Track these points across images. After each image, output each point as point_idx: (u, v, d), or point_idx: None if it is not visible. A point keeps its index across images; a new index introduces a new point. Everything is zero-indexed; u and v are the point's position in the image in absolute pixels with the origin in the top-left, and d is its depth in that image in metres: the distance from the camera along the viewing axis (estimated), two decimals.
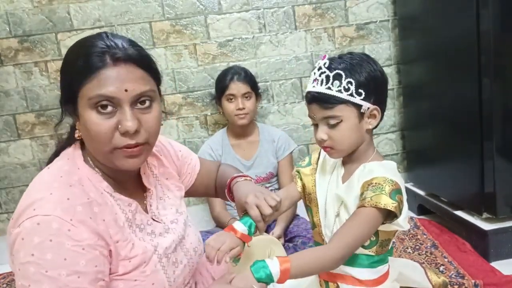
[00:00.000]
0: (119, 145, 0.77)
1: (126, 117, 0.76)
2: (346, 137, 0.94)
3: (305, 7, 2.11)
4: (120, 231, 0.80)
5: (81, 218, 0.73)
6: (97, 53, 0.75)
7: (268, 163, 1.88)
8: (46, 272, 0.68)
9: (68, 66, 0.80)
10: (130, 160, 0.80)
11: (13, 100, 2.03)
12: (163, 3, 2.03)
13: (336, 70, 0.91)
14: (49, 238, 0.70)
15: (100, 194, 0.81)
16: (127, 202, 0.86)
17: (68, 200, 0.74)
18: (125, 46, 0.78)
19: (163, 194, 0.99)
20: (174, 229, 0.94)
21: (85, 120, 0.77)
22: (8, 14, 1.97)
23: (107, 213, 0.80)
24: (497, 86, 1.47)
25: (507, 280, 1.38)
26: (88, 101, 0.75)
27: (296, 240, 1.66)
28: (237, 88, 1.82)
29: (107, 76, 0.75)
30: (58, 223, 0.71)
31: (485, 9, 1.44)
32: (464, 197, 1.71)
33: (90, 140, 0.79)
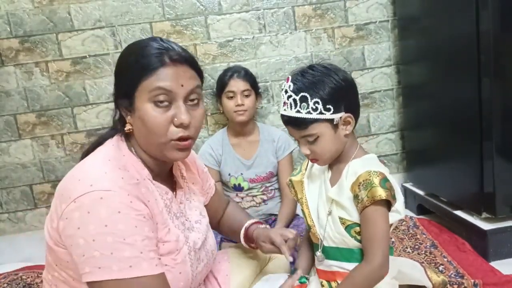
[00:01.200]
0: (174, 137, 0.86)
1: (181, 111, 0.86)
2: (326, 149, 1.00)
3: (305, 8, 2.11)
4: (160, 214, 0.87)
5: (136, 194, 0.81)
6: (158, 54, 0.86)
7: (268, 162, 1.89)
8: (124, 239, 0.75)
9: (127, 66, 0.89)
10: (180, 152, 0.89)
11: (13, 100, 2.04)
12: (163, 4, 2.04)
13: (301, 93, 0.95)
14: (117, 210, 0.76)
15: (143, 180, 0.88)
16: (165, 190, 0.94)
17: (122, 179, 0.82)
18: (179, 50, 0.89)
19: (190, 196, 1.06)
20: (199, 229, 1.01)
21: (143, 112, 0.85)
22: (9, 15, 1.97)
23: (150, 196, 0.87)
24: (497, 86, 1.48)
25: (506, 280, 1.38)
26: (148, 94, 0.84)
27: None
28: (237, 85, 1.83)
29: (166, 73, 0.85)
30: (120, 196, 0.78)
31: (485, 9, 1.44)
32: (463, 197, 1.71)
33: (146, 131, 0.87)
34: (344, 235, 0.98)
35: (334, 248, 1.02)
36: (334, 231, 1.00)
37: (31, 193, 2.10)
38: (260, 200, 1.90)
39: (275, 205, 1.91)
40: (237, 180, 1.88)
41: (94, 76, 2.05)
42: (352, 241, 0.98)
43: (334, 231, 1.00)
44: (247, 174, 1.88)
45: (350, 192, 0.96)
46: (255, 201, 1.89)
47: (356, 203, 0.94)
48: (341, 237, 0.99)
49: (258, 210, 1.89)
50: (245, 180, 1.88)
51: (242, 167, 1.88)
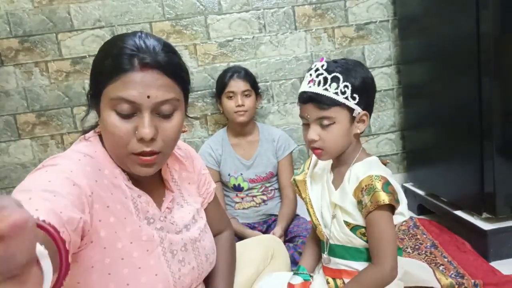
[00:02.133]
0: (134, 151, 0.77)
1: (144, 124, 0.75)
2: (336, 139, 0.98)
3: (305, 8, 2.11)
4: (126, 213, 0.80)
5: (87, 175, 0.73)
6: (126, 55, 0.75)
7: (268, 162, 1.89)
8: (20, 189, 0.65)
9: (98, 62, 0.80)
10: (144, 168, 0.80)
11: (13, 100, 2.04)
12: (163, 4, 2.04)
13: (334, 73, 0.94)
14: (45, 170, 0.70)
15: (114, 177, 0.81)
16: (137, 193, 0.84)
17: (79, 161, 0.75)
18: (156, 50, 0.77)
19: (182, 200, 0.97)
20: (184, 233, 0.92)
21: (104, 119, 0.77)
22: (9, 14, 1.97)
23: (117, 191, 0.79)
24: (497, 86, 1.48)
25: (506, 280, 1.38)
26: (109, 101, 0.75)
27: (296, 240, 1.67)
28: (237, 86, 1.82)
29: (132, 79, 0.74)
30: (67, 166, 0.72)
31: (485, 9, 1.44)
32: (463, 197, 1.71)
33: (107, 139, 0.80)
34: (350, 235, 0.99)
35: (340, 247, 1.02)
36: (339, 232, 1.00)
37: None
38: (260, 200, 1.89)
39: (275, 205, 1.91)
40: (237, 180, 1.88)
41: None
42: (358, 241, 0.98)
43: (339, 231, 1.00)
44: (247, 174, 1.87)
45: (353, 197, 0.96)
46: (255, 201, 1.89)
47: (360, 208, 0.94)
48: (346, 237, 0.99)
49: (258, 210, 1.88)
50: (245, 180, 1.87)
51: (242, 167, 1.88)
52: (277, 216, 1.84)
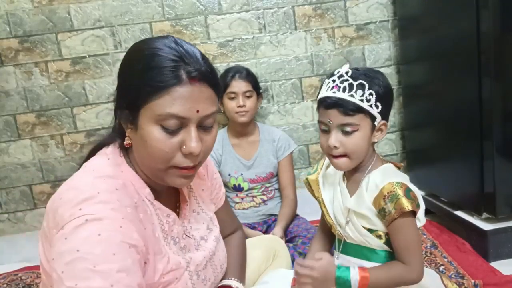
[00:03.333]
0: (179, 165, 0.75)
1: (192, 138, 0.73)
2: (358, 146, 0.97)
3: (305, 8, 2.11)
4: (157, 243, 0.77)
5: (131, 218, 0.70)
6: (171, 67, 0.71)
7: (268, 162, 1.89)
8: (95, 267, 0.62)
9: (133, 75, 0.74)
10: (183, 179, 0.78)
11: (13, 100, 2.04)
12: (163, 4, 2.04)
13: (360, 80, 0.93)
14: (98, 232, 0.64)
15: (142, 201, 0.78)
16: (166, 213, 0.82)
17: (118, 201, 0.70)
18: (199, 60, 0.74)
19: (197, 207, 0.95)
20: (204, 246, 0.91)
21: (146, 133, 0.73)
22: (9, 15, 1.97)
23: (148, 222, 0.76)
24: (497, 86, 1.47)
25: (506, 280, 1.38)
26: (156, 117, 0.71)
27: (296, 240, 1.66)
28: (239, 86, 1.82)
29: (181, 94, 0.71)
30: (110, 219, 0.66)
31: (485, 9, 1.44)
32: (464, 197, 1.71)
33: (146, 154, 0.75)
34: (366, 235, 0.99)
35: (355, 246, 1.02)
36: (355, 232, 1.01)
37: (31, 194, 2.09)
38: (260, 201, 1.89)
39: (275, 206, 1.91)
40: (237, 181, 1.88)
41: (93, 76, 2.05)
42: (375, 241, 0.99)
43: (355, 231, 1.01)
44: (247, 174, 1.87)
45: (372, 206, 0.96)
46: (255, 201, 1.89)
47: (382, 216, 0.94)
48: (363, 237, 1.00)
49: (258, 211, 1.88)
50: (245, 180, 1.87)
51: (242, 167, 1.88)
52: (277, 216, 1.83)
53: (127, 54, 0.78)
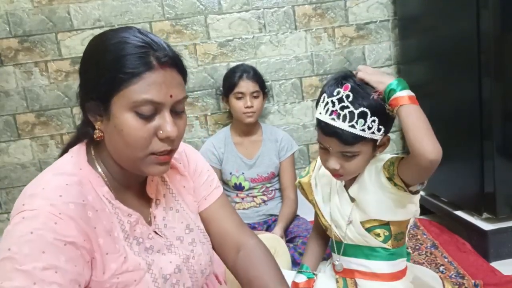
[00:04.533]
0: (157, 151, 0.75)
1: (168, 122, 0.74)
2: (358, 167, 0.96)
3: (305, 7, 2.11)
4: (113, 243, 0.75)
5: (72, 215, 0.69)
6: (141, 53, 0.71)
7: (270, 162, 1.88)
8: (20, 266, 0.62)
9: (102, 65, 0.73)
10: (161, 167, 0.78)
11: (13, 100, 2.03)
12: (163, 3, 2.03)
13: (361, 108, 0.88)
14: (30, 230, 0.65)
15: (99, 199, 0.77)
16: (127, 212, 0.80)
17: (61, 197, 0.70)
18: (166, 48, 0.75)
19: (177, 204, 0.91)
20: (177, 248, 0.86)
21: (121, 122, 0.72)
22: (8, 14, 1.97)
23: (102, 220, 0.75)
24: (497, 86, 1.47)
25: (507, 280, 1.38)
26: (129, 103, 0.71)
27: (296, 240, 1.66)
28: (247, 86, 1.81)
29: (155, 80, 0.72)
30: (44, 216, 0.67)
31: (485, 9, 1.44)
32: (464, 197, 1.71)
33: (122, 143, 0.74)
34: (365, 235, 0.99)
35: (354, 246, 1.02)
36: (354, 232, 1.00)
37: None
38: (261, 201, 1.89)
39: (275, 206, 1.90)
40: (238, 179, 1.87)
41: None
42: (373, 241, 0.98)
43: (354, 232, 1.00)
44: (248, 173, 1.87)
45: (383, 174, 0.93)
46: (256, 201, 1.89)
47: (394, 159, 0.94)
48: (362, 237, 0.99)
49: (258, 211, 1.88)
50: (246, 179, 1.87)
51: (243, 166, 1.88)
52: (277, 217, 1.83)
53: (89, 47, 0.77)
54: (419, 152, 0.83)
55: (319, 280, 1.07)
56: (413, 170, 0.88)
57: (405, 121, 0.86)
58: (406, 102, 0.86)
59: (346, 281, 1.03)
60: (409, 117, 0.86)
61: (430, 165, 0.84)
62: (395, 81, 0.88)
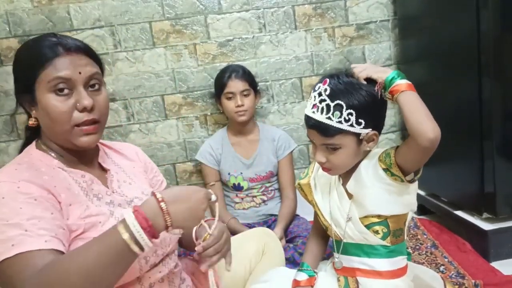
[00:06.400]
0: (78, 122, 0.87)
1: (82, 95, 0.87)
2: (344, 162, 0.98)
3: (305, 7, 2.11)
4: (73, 196, 0.86)
5: (29, 179, 0.81)
6: (50, 46, 0.87)
7: (268, 161, 1.88)
8: (8, 221, 0.75)
9: (22, 60, 0.92)
10: (87, 137, 0.89)
11: (13, 100, 2.02)
12: (163, 3, 2.03)
13: (337, 100, 0.91)
14: (2, 196, 0.77)
15: (52, 169, 0.88)
16: (80, 174, 0.92)
17: (16, 170, 0.83)
18: (74, 40, 0.91)
19: (128, 178, 1.03)
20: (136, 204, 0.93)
21: (45, 103, 0.86)
22: (8, 14, 1.97)
23: (59, 181, 0.86)
24: (497, 86, 1.47)
25: (507, 280, 1.38)
26: (47, 85, 0.85)
27: (296, 240, 1.66)
28: (236, 86, 1.82)
29: (62, 62, 0.86)
30: (6, 185, 0.79)
31: (485, 9, 1.44)
32: (464, 197, 1.71)
33: (50, 122, 0.88)
34: (365, 232, 0.99)
35: (354, 245, 1.02)
36: (354, 230, 1.01)
37: None
38: (260, 201, 1.89)
39: (275, 206, 1.90)
40: (237, 180, 1.87)
41: None
42: (373, 238, 0.99)
43: (354, 229, 1.01)
44: (246, 173, 1.87)
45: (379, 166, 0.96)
46: (255, 201, 1.89)
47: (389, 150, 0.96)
48: (361, 235, 1.00)
49: (258, 211, 1.88)
50: (245, 179, 1.87)
51: (242, 166, 1.88)
52: (277, 216, 1.83)
53: (17, 50, 0.95)
54: (420, 133, 0.87)
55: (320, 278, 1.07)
56: (414, 153, 0.92)
57: (406, 105, 0.91)
58: (407, 88, 0.91)
59: (348, 280, 1.03)
60: (410, 102, 0.91)
61: (431, 144, 0.88)
62: (396, 71, 0.93)
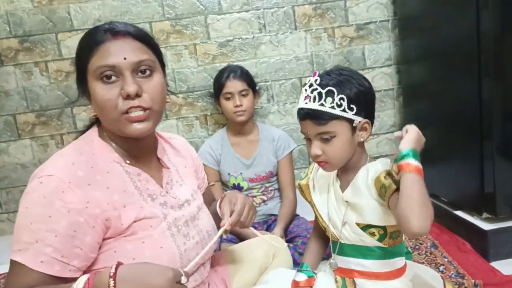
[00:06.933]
0: (123, 109, 0.84)
1: (126, 82, 0.84)
2: (339, 151, 0.98)
3: (305, 7, 2.11)
4: (128, 196, 0.87)
5: (80, 183, 0.81)
6: (100, 31, 0.86)
7: (268, 161, 1.89)
8: (31, 224, 0.77)
9: (78, 49, 0.90)
10: (136, 125, 0.86)
11: (13, 100, 2.03)
12: (163, 3, 2.03)
13: (328, 87, 0.94)
14: (44, 195, 0.78)
15: (110, 163, 0.88)
16: (136, 172, 0.92)
17: (73, 165, 0.82)
18: (124, 25, 0.89)
19: (180, 179, 1.04)
20: (186, 208, 0.99)
21: (93, 91, 0.86)
22: (8, 14, 1.97)
23: (114, 180, 0.86)
24: (497, 86, 1.47)
25: (507, 280, 1.38)
26: (94, 73, 0.85)
27: (296, 240, 1.66)
28: (234, 86, 1.82)
29: (107, 48, 0.85)
30: (56, 182, 0.79)
31: (485, 9, 1.44)
32: (464, 197, 1.71)
33: (99, 110, 0.87)
34: (361, 234, 0.99)
35: (351, 246, 1.03)
36: (350, 232, 1.01)
37: None
38: (260, 201, 1.89)
39: (275, 205, 1.91)
40: (237, 180, 1.88)
41: None
42: (369, 239, 0.99)
43: (350, 231, 1.01)
44: (246, 173, 1.87)
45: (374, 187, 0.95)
46: (255, 201, 1.89)
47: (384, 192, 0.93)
48: (358, 237, 1.00)
49: (258, 211, 1.88)
50: (245, 179, 1.87)
51: (241, 167, 1.88)
52: (277, 216, 1.83)
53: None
54: (406, 224, 0.84)
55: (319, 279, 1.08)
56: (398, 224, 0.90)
57: (406, 188, 0.89)
58: (413, 170, 0.92)
59: (345, 281, 1.03)
60: (410, 186, 0.90)
61: (412, 236, 0.89)
62: (413, 150, 0.96)
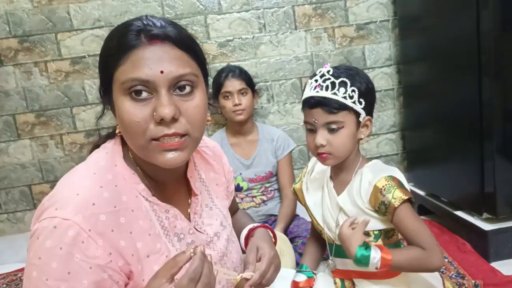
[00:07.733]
0: (155, 136, 0.67)
1: (162, 103, 0.66)
2: (344, 143, 0.99)
3: (305, 7, 2.11)
4: (152, 242, 0.73)
5: (102, 230, 0.67)
6: (132, 32, 0.67)
7: (267, 162, 1.88)
8: (47, 280, 0.63)
9: (103, 49, 0.72)
10: (169, 154, 0.69)
11: (13, 100, 2.03)
12: (163, 3, 2.03)
13: (341, 78, 0.96)
14: (60, 245, 0.63)
15: (135, 198, 0.73)
16: (164, 208, 0.77)
17: (93, 206, 0.67)
18: (163, 25, 0.69)
19: (211, 202, 0.90)
20: (215, 244, 0.86)
21: (118, 107, 0.68)
22: (8, 14, 1.97)
23: (139, 220, 0.72)
24: (497, 86, 1.47)
25: (507, 280, 1.38)
26: (121, 86, 0.67)
27: (296, 240, 1.66)
28: (232, 85, 1.82)
29: (141, 56, 0.66)
30: (75, 231, 0.64)
31: (485, 9, 1.44)
32: (464, 197, 1.71)
33: (124, 132, 0.70)
34: None
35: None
36: None
37: (30, 194, 2.09)
38: (260, 201, 1.89)
39: (274, 206, 1.90)
40: (236, 180, 1.87)
41: (93, 76, 2.05)
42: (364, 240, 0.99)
43: None
44: (246, 173, 1.87)
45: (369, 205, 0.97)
46: (255, 201, 1.88)
47: (383, 211, 0.95)
48: None
49: (258, 211, 1.88)
50: (244, 180, 1.87)
51: (241, 167, 1.88)
52: (277, 216, 1.83)
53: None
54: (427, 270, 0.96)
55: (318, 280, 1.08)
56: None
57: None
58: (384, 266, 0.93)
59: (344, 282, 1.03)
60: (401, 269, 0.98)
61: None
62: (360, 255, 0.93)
